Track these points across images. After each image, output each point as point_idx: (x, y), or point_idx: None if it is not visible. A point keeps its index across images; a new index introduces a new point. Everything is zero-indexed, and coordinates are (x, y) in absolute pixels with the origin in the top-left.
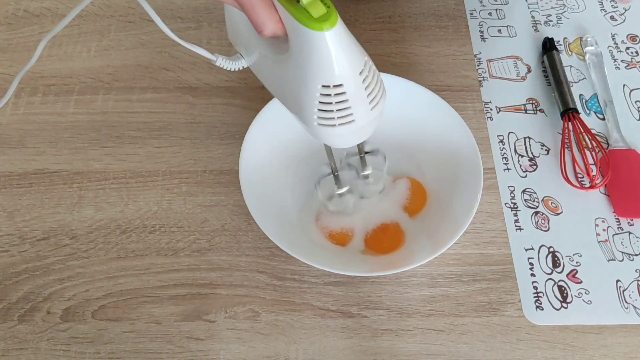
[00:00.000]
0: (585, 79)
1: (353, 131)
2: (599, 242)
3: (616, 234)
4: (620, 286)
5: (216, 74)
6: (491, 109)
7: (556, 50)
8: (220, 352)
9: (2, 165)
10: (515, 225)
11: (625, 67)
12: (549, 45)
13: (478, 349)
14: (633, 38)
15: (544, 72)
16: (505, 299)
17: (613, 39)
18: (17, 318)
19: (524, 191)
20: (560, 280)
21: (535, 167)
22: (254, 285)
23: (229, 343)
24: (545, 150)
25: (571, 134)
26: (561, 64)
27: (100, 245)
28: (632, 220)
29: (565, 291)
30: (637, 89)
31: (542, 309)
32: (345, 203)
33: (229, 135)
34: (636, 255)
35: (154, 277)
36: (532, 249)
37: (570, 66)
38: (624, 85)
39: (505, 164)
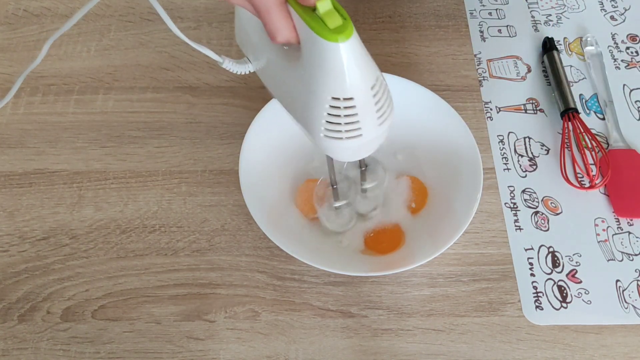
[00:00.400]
0: (585, 78)
1: (359, 145)
2: (598, 242)
3: (616, 234)
4: (620, 286)
5: (216, 74)
6: (491, 109)
7: (556, 50)
8: (220, 352)
9: (2, 165)
10: (515, 225)
11: (625, 67)
12: (549, 45)
13: (478, 348)
14: (633, 38)
15: (544, 72)
16: (505, 299)
17: (613, 38)
18: (17, 318)
19: (523, 191)
20: (560, 280)
21: (535, 167)
22: (253, 285)
23: (229, 343)
24: (545, 150)
25: (571, 133)
26: (561, 63)
27: (100, 245)
28: (632, 220)
29: (565, 291)
30: (637, 88)
31: (542, 309)
32: (342, 218)
33: (229, 135)
34: (636, 255)
35: (153, 277)
36: (532, 248)
37: (570, 66)
38: (624, 85)
39: (505, 163)
